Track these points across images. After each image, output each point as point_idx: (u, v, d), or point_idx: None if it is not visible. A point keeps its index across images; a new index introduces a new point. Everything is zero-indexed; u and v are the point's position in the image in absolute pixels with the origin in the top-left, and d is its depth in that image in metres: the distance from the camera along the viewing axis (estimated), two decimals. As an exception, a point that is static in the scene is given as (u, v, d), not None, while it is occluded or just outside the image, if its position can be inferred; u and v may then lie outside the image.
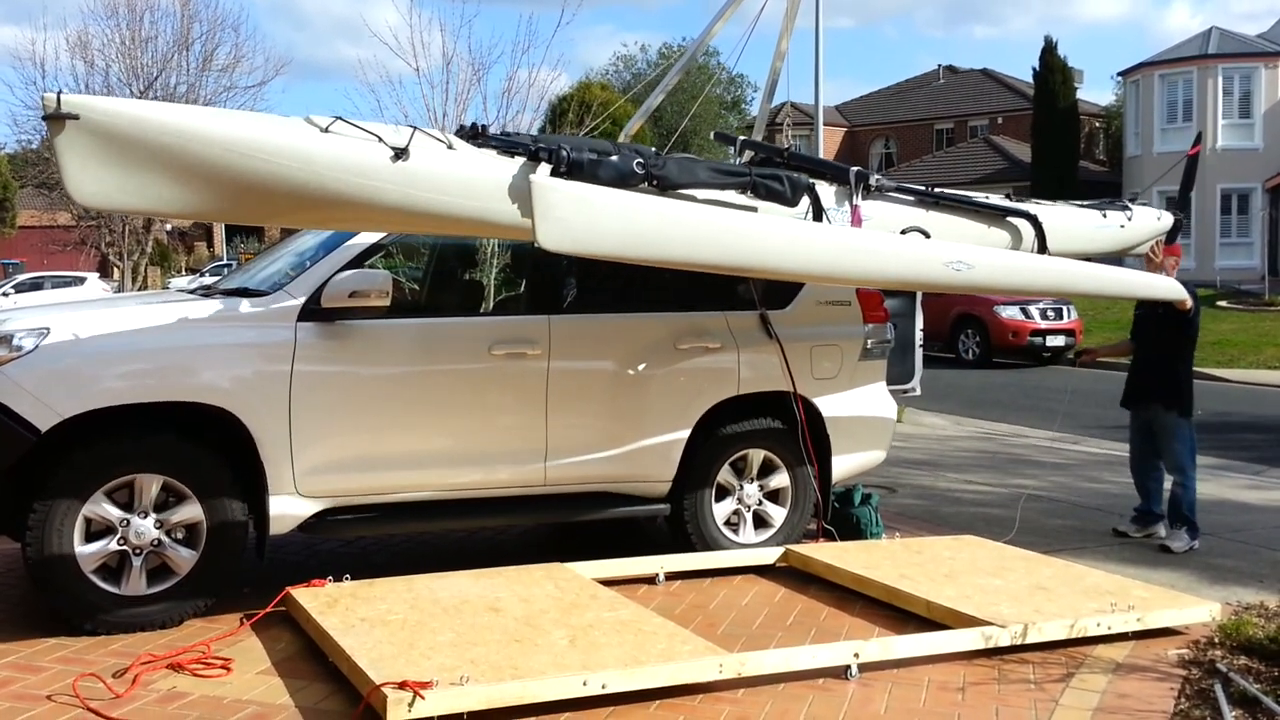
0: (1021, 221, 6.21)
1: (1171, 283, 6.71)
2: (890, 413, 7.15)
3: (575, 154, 4.77)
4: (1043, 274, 5.98)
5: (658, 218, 4.74)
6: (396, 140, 4.56)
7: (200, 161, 4.18)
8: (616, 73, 52.13)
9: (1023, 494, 8.53)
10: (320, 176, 4.35)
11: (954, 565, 6.22)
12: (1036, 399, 15.54)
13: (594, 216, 4.53)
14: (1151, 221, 7.17)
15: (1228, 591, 6.29)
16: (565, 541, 7.19)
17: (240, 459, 5.37)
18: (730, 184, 5.30)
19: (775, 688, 4.64)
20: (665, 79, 7.32)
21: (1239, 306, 29.63)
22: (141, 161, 4.11)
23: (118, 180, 4.10)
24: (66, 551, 4.99)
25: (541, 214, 4.38)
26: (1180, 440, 7.29)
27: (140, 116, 4.13)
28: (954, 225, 6.02)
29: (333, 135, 4.46)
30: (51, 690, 4.46)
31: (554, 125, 17.42)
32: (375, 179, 4.45)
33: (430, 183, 4.58)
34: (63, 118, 3.99)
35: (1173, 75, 36.79)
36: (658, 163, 5.05)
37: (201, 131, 4.18)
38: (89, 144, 4.04)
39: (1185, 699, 4.67)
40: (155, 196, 4.20)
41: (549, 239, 4.43)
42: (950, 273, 5.47)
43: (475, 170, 4.73)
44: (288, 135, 4.37)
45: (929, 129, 49.80)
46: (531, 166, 4.80)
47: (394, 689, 4.07)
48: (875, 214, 5.78)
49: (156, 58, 24.22)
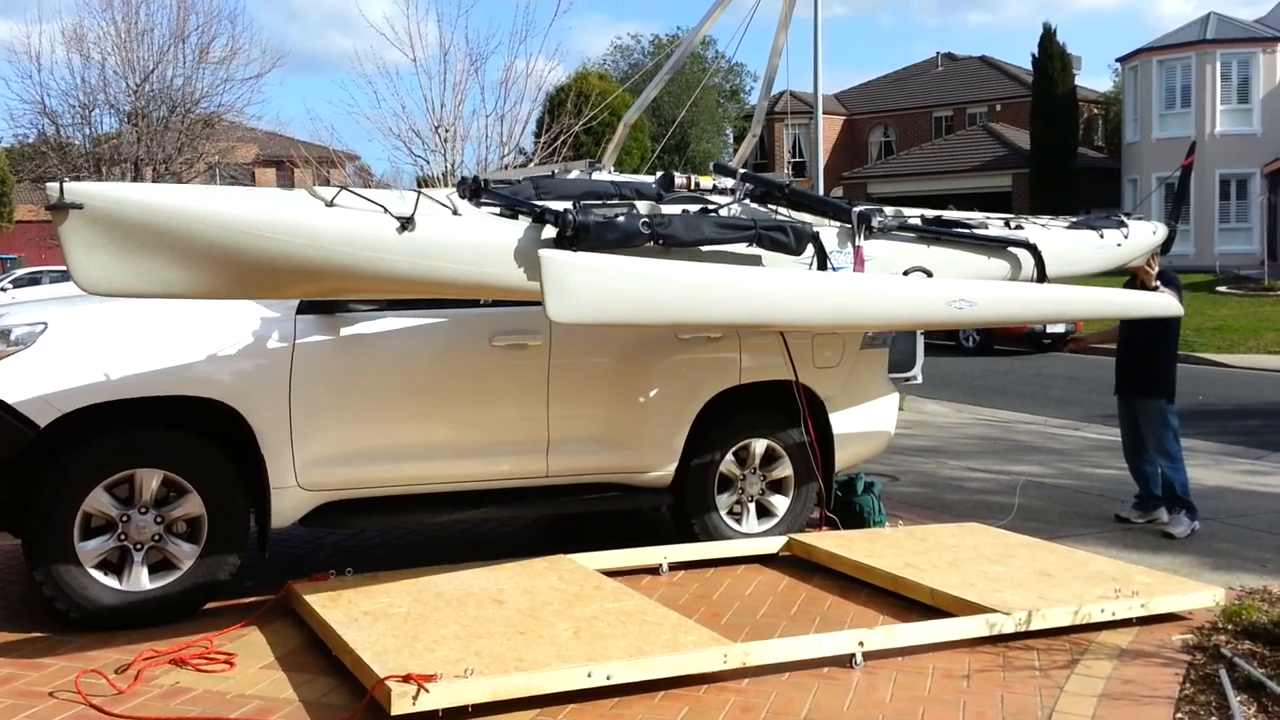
0: (1021, 251, 6.23)
1: (1166, 300, 6.76)
2: (892, 401, 7.15)
3: (581, 217, 4.74)
4: (1042, 303, 6.09)
5: (666, 282, 4.74)
6: (402, 209, 4.52)
7: (207, 244, 4.14)
8: (614, 63, 52.04)
9: (1020, 480, 8.54)
10: (327, 252, 4.31)
11: (957, 553, 6.21)
12: (1037, 386, 15.53)
13: (604, 287, 4.53)
14: (1147, 236, 7.18)
15: (1231, 576, 6.29)
16: (568, 533, 7.19)
17: (241, 452, 5.36)
18: (736, 238, 5.28)
19: (780, 677, 4.63)
20: (657, 76, 7.29)
21: (1238, 292, 29.64)
22: (148, 247, 4.07)
23: (124, 266, 4.05)
24: (67, 546, 4.97)
25: (552, 288, 4.37)
26: (1163, 424, 7.36)
27: (145, 202, 4.08)
28: (955, 258, 6.06)
29: (337, 209, 4.43)
30: (54, 687, 4.45)
31: (552, 116, 17.37)
32: (383, 251, 4.42)
33: (437, 251, 4.55)
34: (66, 207, 3.95)
35: (1171, 61, 36.74)
36: (663, 221, 5.04)
37: (207, 214, 4.13)
38: (94, 232, 3.99)
39: (1190, 684, 4.66)
40: (163, 280, 4.14)
41: (560, 313, 4.43)
42: (953, 311, 5.56)
43: (481, 236, 4.71)
44: (293, 212, 4.32)
45: (928, 117, 49.71)
46: (537, 229, 4.78)
47: (398, 682, 4.06)
48: (878, 253, 5.77)
49: (153, 50, 24.21)
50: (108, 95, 24.40)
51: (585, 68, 39.28)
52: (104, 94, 24.35)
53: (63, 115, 24.94)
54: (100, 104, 24.58)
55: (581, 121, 16.83)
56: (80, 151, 24.83)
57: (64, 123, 25.06)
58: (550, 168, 6.85)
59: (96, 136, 24.96)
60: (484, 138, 15.72)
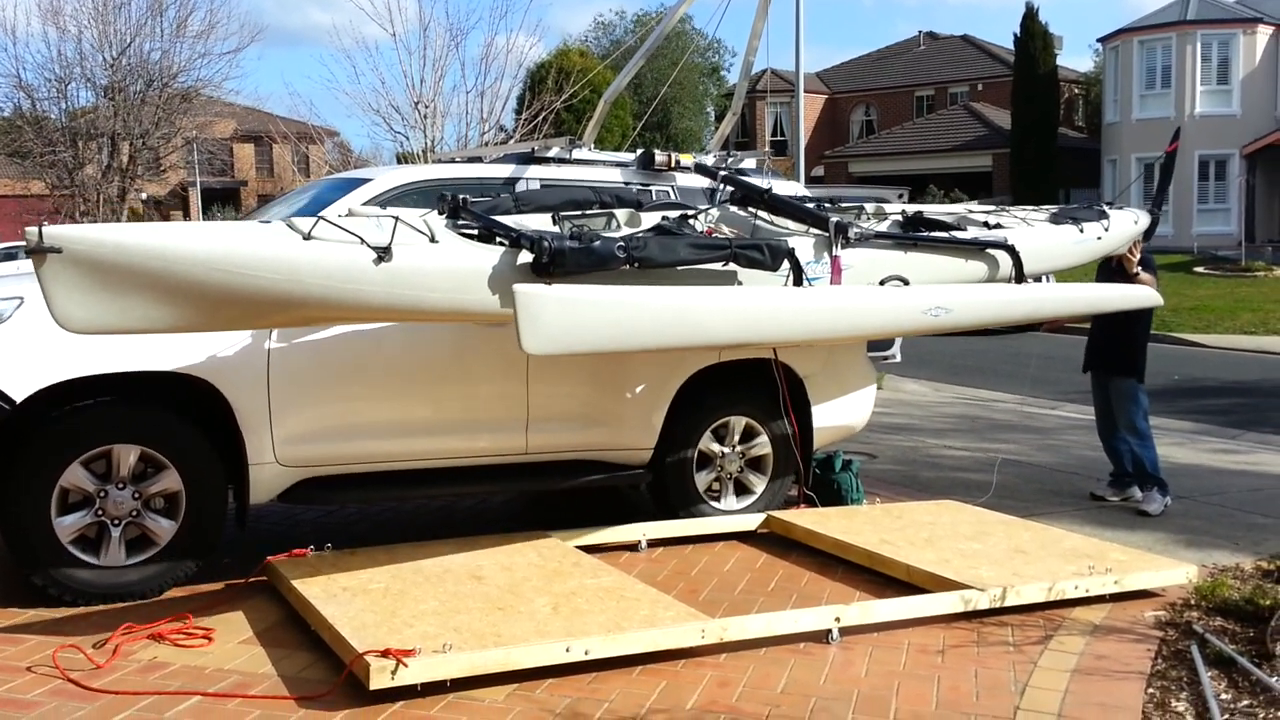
0: (999, 252, 6.23)
1: (1146, 292, 6.77)
2: (870, 379, 7.18)
3: (556, 244, 4.75)
4: (1019, 305, 6.08)
5: (638, 309, 4.76)
6: (379, 238, 4.53)
7: (187, 282, 4.17)
8: (595, 39, 51.82)
9: (997, 458, 8.59)
10: (305, 285, 4.34)
11: (934, 530, 6.26)
12: (1016, 365, 15.59)
13: (577, 318, 4.56)
14: (1129, 226, 7.16)
15: (1203, 554, 6.36)
16: (547, 510, 7.20)
17: (219, 428, 5.35)
18: (711, 258, 5.27)
19: (757, 652, 4.67)
20: (638, 53, 7.27)
21: (1216, 272, 29.82)
22: (127, 287, 4.10)
23: (105, 306, 4.10)
24: (43, 522, 4.96)
25: (526, 323, 4.40)
26: (1134, 402, 7.45)
27: (123, 243, 4.10)
28: (933, 263, 6.06)
29: (315, 242, 4.44)
30: (31, 662, 4.45)
31: (533, 92, 17.32)
32: (360, 282, 4.44)
33: (415, 280, 4.58)
34: (44, 251, 3.97)
35: (1152, 41, 36.81)
36: (638, 244, 5.04)
37: (185, 253, 4.16)
38: (73, 275, 4.02)
39: (1162, 660, 4.72)
40: (144, 317, 4.19)
41: (535, 346, 4.46)
42: (929, 319, 5.59)
43: (458, 262, 4.73)
44: (271, 247, 4.34)
45: (909, 96, 49.72)
46: (513, 254, 4.80)
47: (377, 657, 4.08)
48: (855, 261, 5.78)
49: (130, 23, 23.99)
50: (84, 69, 24.20)
51: (566, 44, 39.13)
52: (80, 67, 24.16)
53: (39, 89, 24.73)
54: (77, 78, 24.39)
55: (562, 98, 16.78)
56: (56, 126, 24.60)
57: (40, 96, 24.84)
58: (531, 145, 6.82)
59: (73, 110, 24.75)
60: (464, 114, 15.69)
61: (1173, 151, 8.30)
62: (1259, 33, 36.22)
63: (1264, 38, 36.29)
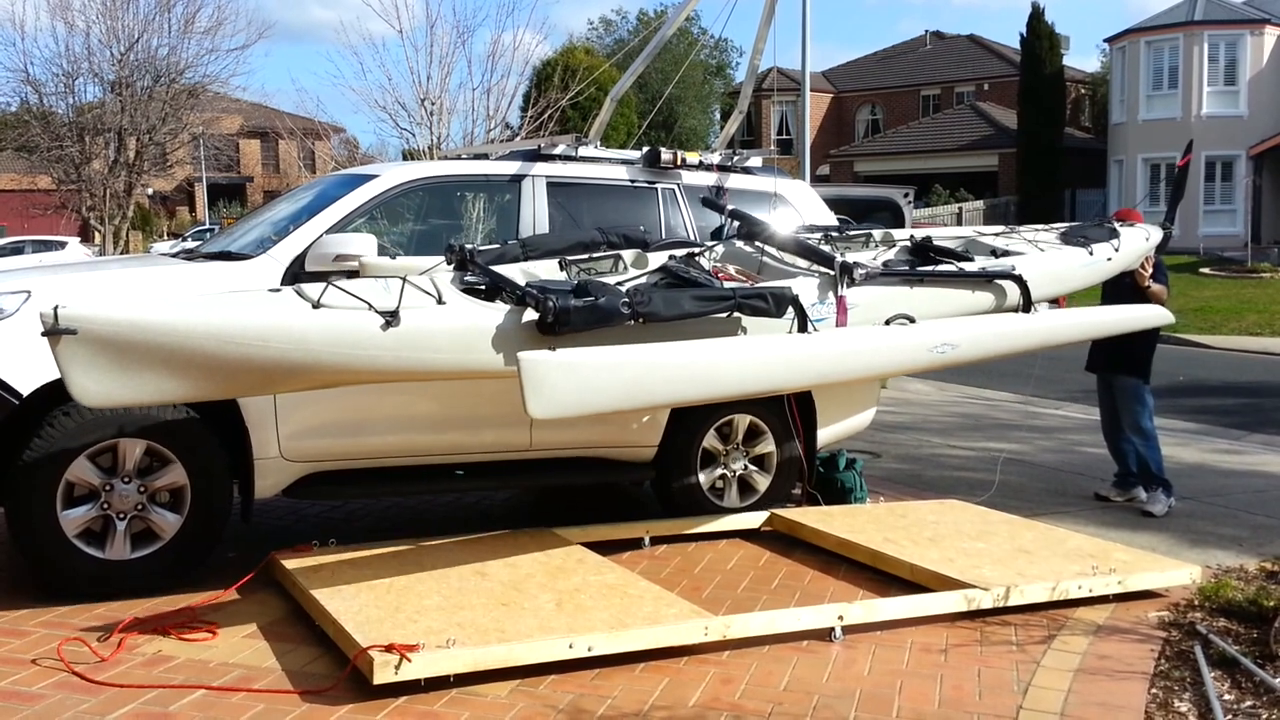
0: (1006, 282, 6.18)
1: (1156, 312, 6.69)
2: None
3: (562, 302, 4.77)
4: (1026, 335, 6.04)
5: (644, 367, 4.77)
6: (386, 302, 4.57)
7: (200, 355, 4.24)
8: (599, 37, 51.83)
9: (1000, 457, 8.59)
10: (315, 354, 4.40)
11: (937, 529, 6.26)
12: (1020, 364, 15.57)
13: (582, 381, 4.59)
14: (1140, 243, 7.10)
15: (1207, 555, 6.36)
16: (551, 506, 7.21)
17: (225, 423, 5.35)
18: (715, 309, 5.26)
19: (760, 650, 4.67)
20: (644, 51, 7.26)
21: (1221, 273, 29.79)
22: (142, 363, 4.17)
23: (121, 381, 4.17)
24: (49, 516, 4.97)
25: (531, 389, 4.44)
26: (1139, 402, 7.44)
27: (137, 322, 4.16)
28: (939, 296, 6.02)
29: (324, 310, 4.48)
30: (36, 654, 4.46)
31: (539, 90, 17.32)
32: (369, 348, 4.49)
33: (422, 342, 4.62)
34: (60, 333, 4.03)
35: (1159, 42, 36.76)
36: (643, 299, 5.03)
37: (198, 328, 4.22)
38: (89, 354, 4.09)
39: (1165, 660, 4.72)
40: (159, 390, 4.26)
41: (541, 411, 4.50)
42: (936, 356, 5.58)
43: (465, 323, 4.76)
44: (281, 317, 4.38)
45: (915, 95, 49.65)
46: (518, 313, 4.82)
47: (380, 652, 4.09)
48: (861, 299, 5.75)
49: (138, 19, 23.96)
50: (92, 64, 24.17)
51: (571, 42, 39.13)
52: (88, 62, 24.12)
53: (46, 84, 24.72)
54: (84, 73, 24.35)
55: (568, 96, 16.78)
56: (63, 120, 24.62)
57: (47, 91, 24.84)
58: (537, 142, 6.83)
59: (80, 106, 24.74)
60: (471, 111, 15.68)
61: (1185, 165, 8.28)
62: (1266, 33, 36.16)
63: (1271, 39, 36.23)
